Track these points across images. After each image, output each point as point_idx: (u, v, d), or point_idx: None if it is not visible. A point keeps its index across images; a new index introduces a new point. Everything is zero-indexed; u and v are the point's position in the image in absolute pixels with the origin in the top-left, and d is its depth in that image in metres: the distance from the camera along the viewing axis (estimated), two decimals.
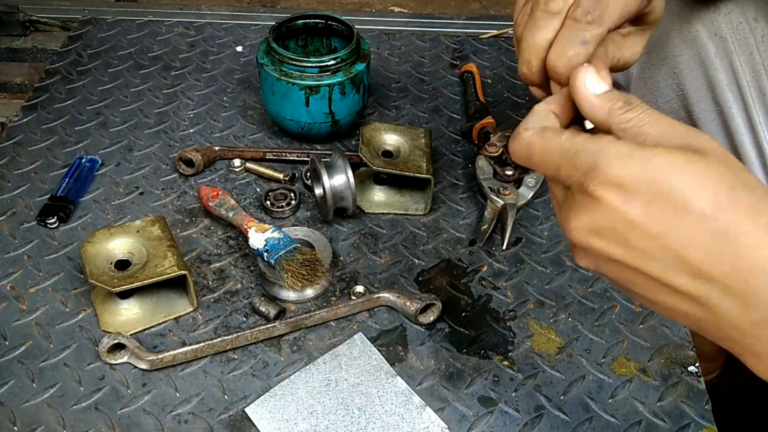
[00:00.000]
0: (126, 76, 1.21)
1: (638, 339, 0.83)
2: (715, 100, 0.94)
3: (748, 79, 0.91)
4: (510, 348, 0.83)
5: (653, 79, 1.00)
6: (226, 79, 1.22)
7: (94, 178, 1.03)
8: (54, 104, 1.15)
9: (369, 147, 0.97)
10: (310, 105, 1.02)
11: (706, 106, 0.95)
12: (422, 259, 0.93)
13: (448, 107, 1.17)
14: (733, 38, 0.91)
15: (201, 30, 1.33)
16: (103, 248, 0.83)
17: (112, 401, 0.77)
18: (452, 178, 1.04)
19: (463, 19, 1.45)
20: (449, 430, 0.75)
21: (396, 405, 0.77)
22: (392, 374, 0.79)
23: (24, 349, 0.81)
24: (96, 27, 1.32)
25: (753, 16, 0.90)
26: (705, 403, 0.77)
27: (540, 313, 0.86)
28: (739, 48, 0.91)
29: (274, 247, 0.85)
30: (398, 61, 1.27)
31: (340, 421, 0.75)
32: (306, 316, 0.83)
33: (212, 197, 0.95)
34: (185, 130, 1.11)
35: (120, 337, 0.79)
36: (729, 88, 0.92)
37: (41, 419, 0.75)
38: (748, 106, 0.92)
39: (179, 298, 0.86)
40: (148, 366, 0.79)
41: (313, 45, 1.14)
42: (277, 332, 0.83)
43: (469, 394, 0.79)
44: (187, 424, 0.75)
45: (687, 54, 0.94)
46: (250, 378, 0.79)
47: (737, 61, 0.91)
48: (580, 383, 0.79)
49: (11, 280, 0.88)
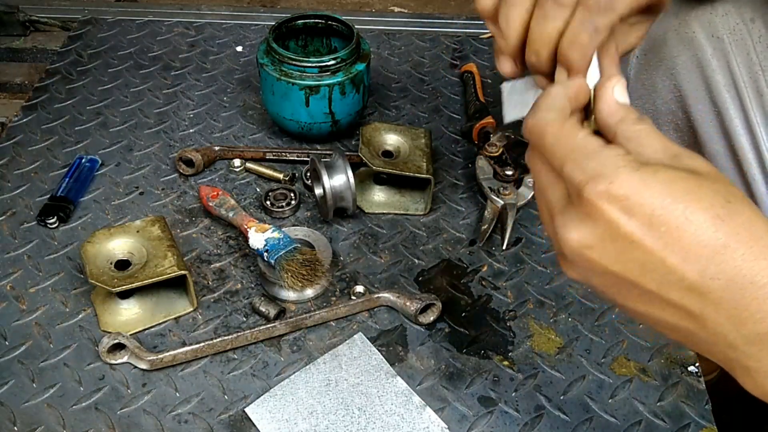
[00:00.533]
0: (126, 76, 1.21)
1: (638, 339, 0.83)
2: (713, 101, 0.94)
3: (745, 80, 0.91)
4: (510, 348, 0.83)
5: (651, 81, 1.00)
6: (226, 79, 1.22)
7: (94, 178, 1.03)
8: (54, 104, 1.15)
9: (369, 147, 0.97)
10: (310, 105, 1.02)
11: (704, 107, 0.95)
12: (422, 259, 0.93)
13: (448, 107, 1.17)
14: (730, 39, 0.91)
15: (201, 30, 1.33)
16: (103, 248, 0.83)
17: (112, 401, 0.77)
18: (452, 178, 1.04)
19: (463, 19, 1.45)
20: (449, 430, 0.75)
21: (396, 405, 0.77)
22: (392, 374, 0.79)
23: (24, 349, 0.81)
24: (96, 27, 1.32)
25: (750, 17, 0.90)
26: (705, 403, 0.77)
27: (540, 313, 0.86)
28: (737, 49, 0.91)
29: (274, 247, 0.85)
30: (398, 61, 1.27)
31: (340, 421, 0.75)
32: (306, 316, 0.83)
33: (212, 197, 0.95)
34: (185, 130, 1.11)
35: (120, 337, 0.79)
36: (726, 88, 0.92)
37: (41, 419, 0.75)
38: (745, 106, 0.92)
39: (179, 298, 0.86)
40: (148, 366, 0.79)
41: (313, 45, 1.14)
42: (277, 332, 0.83)
43: (469, 394, 0.79)
44: (187, 424, 0.75)
45: (684, 55, 0.94)
46: (250, 378, 0.79)
47: (734, 61, 0.91)
48: (580, 383, 0.79)
49: (11, 280, 0.88)
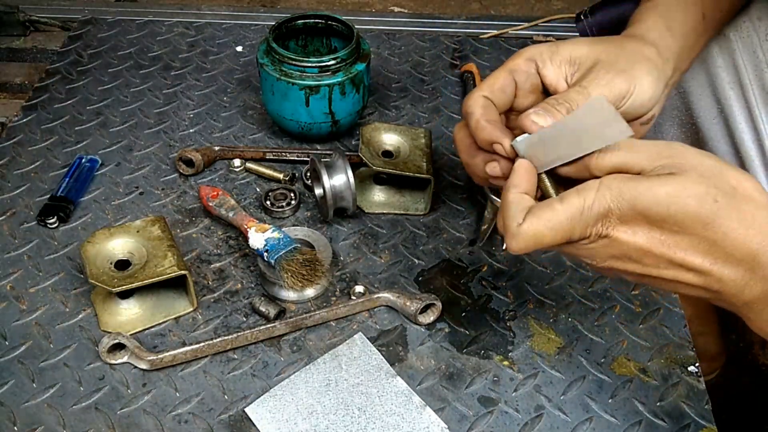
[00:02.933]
0: (126, 76, 1.21)
1: (638, 339, 0.83)
2: (717, 98, 0.94)
3: (750, 78, 0.91)
4: (510, 348, 0.83)
5: None
6: (226, 79, 1.22)
7: (94, 178, 1.03)
8: (54, 104, 1.15)
9: (369, 147, 0.97)
10: (310, 105, 1.02)
11: (707, 104, 0.95)
12: (422, 259, 0.93)
13: (448, 107, 1.17)
14: (735, 37, 0.91)
15: (201, 30, 1.33)
16: (103, 248, 0.83)
17: (112, 401, 0.77)
18: (452, 178, 1.04)
19: (463, 19, 1.45)
20: (449, 429, 0.75)
21: (396, 405, 0.77)
22: (392, 374, 0.79)
23: (24, 349, 0.81)
24: (96, 27, 1.32)
25: (757, 15, 0.90)
26: (705, 403, 0.77)
27: (540, 313, 0.86)
28: (743, 47, 0.91)
29: (273, 247, 0.85)
30: (398, 61, 1.27)
31: (340, 421, 0.75)
32: (306, 316, 0.83)
33: (212, 197, 0.95)
34: (185, 130, 1.11)
35: (120, 337, 0.79)
36: (731, 86, 0.92)
37: (41, 419, 0.75)
38: (750, 103, 0.92)
39: (179, 298, 0.86)
40: (148, 366, 0.79)
41: (313, 45, 1.14)
42: (277, 332, 0.83)
43: (469, 394, 0.79)
44: (187, 424, 0.75)
45: None
46: (250, 378, 0.79)
47: (740, 60, 0.91)
48: (580, 383, 0.79)
49: (11, 280, 0.88)
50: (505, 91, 0.72)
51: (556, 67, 0.72)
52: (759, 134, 0.92)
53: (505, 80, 0.72)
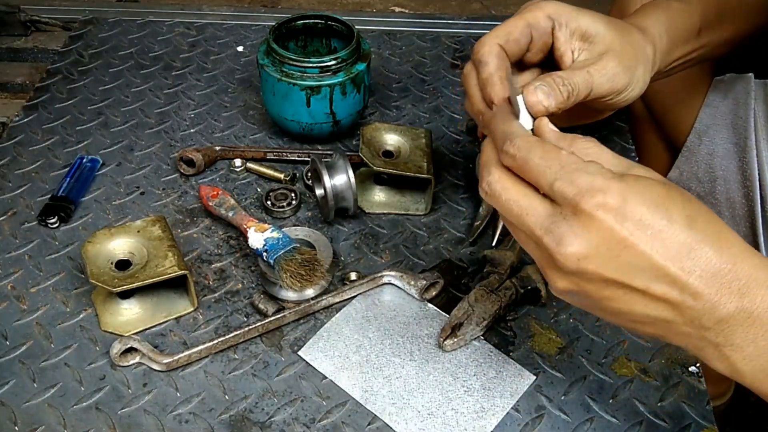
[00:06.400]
0: (127, 76, 1.21)
1: (639, 339, 0.83)
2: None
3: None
4: (511, 348, 0.83)
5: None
6: (227, 79, 1.22)
7: (95, 178, 1.03)
8: (55, 104, 1.15)
9: (369, 147, 0.97)
10: (311, 105, 1.02)
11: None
12: (423, 259, 0.93)
13: (448, 107, 1.17)
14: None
15: (202, 30, 1.33)
16: (103, 248, 0.83)
17: (113, 401, 0.77)
18: (453, 178, 1.04)
19: (464, 19, 1.44)
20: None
21: (433, 327, 0.84)
22: (423, 301, 0.87)
23: (25, 348, 0.81)
24: (97, 27, 1.32)
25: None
26: (706, 403, 0.77)
27: (541, 313, 0.86)
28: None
29: (273, 246, 0.85)
30: (399, 61, 1.27)
31: (387, 348, 0.82)
32: (313, 303, 0.85)
33: (212, 197, 0.95)
34: (186, 130, 1.11)
35: (131, 341, 0.79)
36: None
37: (42, 419, 0.75)
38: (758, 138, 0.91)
39: (180, 298, 0.86)
40: (164, 368, 0.79)
41: (313, 45, 1.14)
42: (285, 321, 0.83)
43: None
44: (187, 424, 0.75)
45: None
46: (250, 378, 0.79)
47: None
48: (580, 383, 0.79)
49: (12, 279, 0.89)
50: (520, 43, 0.69)
51: (569, 35, 0.69)
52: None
53: (522, 32, 0.69)
